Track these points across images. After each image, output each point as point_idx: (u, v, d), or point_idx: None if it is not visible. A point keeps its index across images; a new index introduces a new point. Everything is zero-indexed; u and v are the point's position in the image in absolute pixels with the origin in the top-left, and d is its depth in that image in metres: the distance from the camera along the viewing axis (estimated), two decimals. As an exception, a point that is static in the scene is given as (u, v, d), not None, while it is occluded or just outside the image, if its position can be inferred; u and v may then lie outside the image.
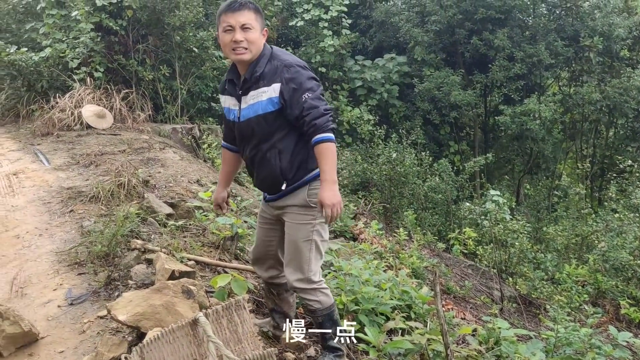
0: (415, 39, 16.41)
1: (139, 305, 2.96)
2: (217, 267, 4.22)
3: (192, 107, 12.26)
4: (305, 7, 16.51)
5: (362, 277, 4.17)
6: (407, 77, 16.97)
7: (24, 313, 3.39)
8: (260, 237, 3.25)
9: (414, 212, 10.32)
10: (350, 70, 16.88)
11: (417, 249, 7.82)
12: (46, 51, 11.20)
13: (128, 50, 11.33)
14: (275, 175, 2.87)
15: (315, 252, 2.94)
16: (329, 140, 2.72)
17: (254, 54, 2.83)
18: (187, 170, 7.47)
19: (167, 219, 5.05)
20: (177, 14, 11.04)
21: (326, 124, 2.72)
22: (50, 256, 4.38)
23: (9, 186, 6.55)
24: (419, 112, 16.54)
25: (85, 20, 10.94)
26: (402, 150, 11.50)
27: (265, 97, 2.78)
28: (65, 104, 10.19)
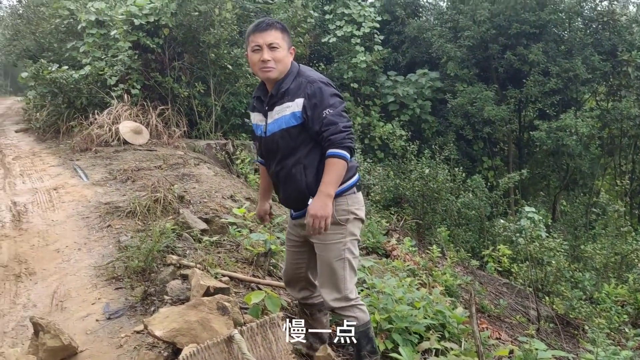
0: (448, 55, 16.37)
1: (175, 321, 2.99)
2: (251, 283, 4.24)
3: (226, 123, 12.43)
4: (337, 24, 16.66)
5: (395, 295, 4.13)
6: (440, 93, 16.92)
7: (64, 326, 3.46)
8: (289, 260, 3.26)
9: (447, 228, 10.22)
10: (382, 85, 16.92)
11: (450, 266, 7.73)
12: (86, 69, 11.52)
13: (164, 67, 11.57)
14: (301, 190, 2.89)
15: (349, 269, 2.94)
16: (339, 157, 2.73)
17: (281, 72, 2.89)
18: (221, 185, 7.55)
19: (202, 235, 5.11)
20: (212, 31, 11.25)
21: (342, 141, 2.73)
22: (89, 270, 4.47)
23: (49, 201, 6.73)
24: (451, 127, 16.45)
25: (124, 39, 11.23)
26: (435, 165, 11.43)
27: (289, 111, 2.83)
28: (103, 121, 10.44)
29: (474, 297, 3.37)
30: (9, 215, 6.24)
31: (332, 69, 16.88)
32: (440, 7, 19.81)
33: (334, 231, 2.89)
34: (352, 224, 2.95)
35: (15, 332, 3.60)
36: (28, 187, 7.61)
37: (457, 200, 11.29)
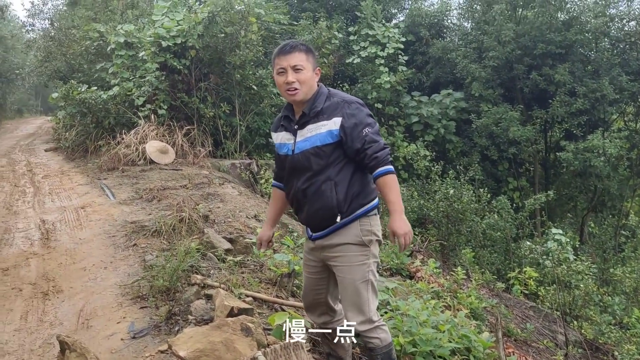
0: (473, 75, 16.33)
1: (199, 342, 3.00)
2: (275, 304, 4.23)
3: (251, 143, 12.53)
4: (362, 45, 16.76)
5: (419, 318, 4.08)
6: (464, 113, 16.85)
7: (90, 345, 3.49)
8: (308, 286, 3.24)
9: (471, 250, 10.10)
10: (406, 106, 16.92)
11: (475, 288, 7.62)
12: (114, 89, 11.77)
13: (191, 88, 11.75)
14: (330, 207, 2.87)
15: (372, 291, 2.92)
16: (391, 172, 2.77)
17: (306, 94, 2.92)
18: (245, 205, 7.59)
19: (226, 255, 5.12)
20: (238, 53, 11.41)
21: (387, 157, 2.78)
22: (115, 289, 4.52)
23: (77, 219, 6.84)
24: (476, 148, 16.35)
25: (151, 60, 11.45)
26: (460, 186, 11.34)
27: (325, 129, 2.84)
28: (130, 140, 10.62)
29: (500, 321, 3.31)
30: (38, 234, 6.36)
31: (356, 90, 16.95)
32: (464, 28, 19.82)
33: (359, 252, 2.89)
34: (374, 246, 2.94)
35: (42, 349, 3.64)
36: (57, 205, 7.75)
37: (482, 222, 11.17)
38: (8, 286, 4.80)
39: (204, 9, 11.58)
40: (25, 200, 8.20)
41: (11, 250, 5.80)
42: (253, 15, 12.13)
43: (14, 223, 6.89)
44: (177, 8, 12.62)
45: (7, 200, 8.24)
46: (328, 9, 18.72)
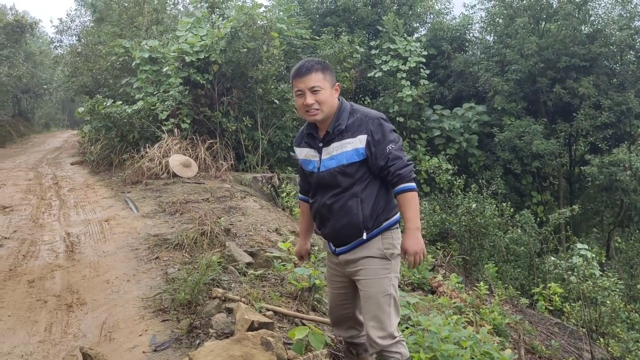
0: (495, 88, 16.26)
1: (219, 355, 3.00)
2: (295, 318, 4.23)
3: (272, 157, 12.60)
4: (383, 59, 16.81)
5: (441, 334, 4.04)
6: (487, 126, 16.76)
7: (112, 357, 3.53)
8: (334, 302, 3.24)
9: (494, 264, 9.98)
10: (428, 119, 16.90)
11: (498, 304, 7.52)
12: (139, 104, 11.95)
13: (213, 102, 11.89)
14: (356, 223, 2.87)
15: (394, 306, 2.92)
16: (412, 190, 2.81)
17: (326, 113, 2.92)
18: (267, 219, 7.61)
19: (247, 268, 5.14)
20: (260, 67, 11.52)
21: (409, 174, 2.81)
22: (137, 302, 4.55)
23: (101, 232, 6.93)
24: (499, 161, 16.22)
25: (175, 75, 11.62)
26: (482, 200, 11.24)
27: (351, 147, 2.85)
28: (154, 154, 10.75)
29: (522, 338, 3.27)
30: (62, 246, 6.45)
31: (377, 103, 16.98)
32: (486, 42, 19.77)
33: (380, 266, 2.90)
34: (395, 260, 2.95)
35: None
36: (81, 218, 7.87)
37: (505, 236, 11.04)
38: (33, 298, 4.88)
39: (227, 24, 11.73)
40: (51, 213, 8.34)
41: (37, 262, 5.90)
42: (275, 30, 12.26)
43: (40, 235, 7.00)
44: (201, 24, 12.81)
45: (34, 213, 8.38)
46: (350, 23, 18.84)
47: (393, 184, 2.84)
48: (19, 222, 7.76)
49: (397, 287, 2.97)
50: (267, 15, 12.52)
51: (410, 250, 2.77)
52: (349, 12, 18.97)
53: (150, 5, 19.55)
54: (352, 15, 19.00)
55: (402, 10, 19.04)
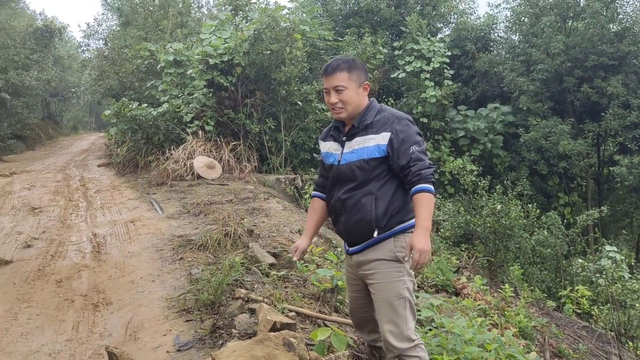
0: (521, 88, 16.06)
1: (241, 356, 3.02)
2: (317, 319, 4.23)
3: (295, 158, 12.63)
4: (407, 59, 16.73)
5: (465, 336, 4.00)
6: (512, 127, 16.57)
7: (136, 357, 3.57)
8: (353, 305, 3.23)
9: (520, 267, 9.86)
10: (452, 120, 16.78)
11: (524, 306, 7.42)
12: (164, 106, 12.09)
13: (237, 104, 11.96)
14: (368, 221, 2.87)
15: (409, 309, 2.87)
16: (430, 191, 2.77)
17: (350, 112, 2.95)
18: (290, 220, 7.63)
19: (270, 269, 5.16)
20: (283, 69, 11.56)
21: (430, 176, 2.79)
22: (161, 302, 4.61)
23: (126, 233, 7.02)
24: (525, 162, 16.02)
25: (199, 78, 11.73)
26: (508, 201, 11.10)
27: (373, 143, 2.87)
28: (178, 156, 10.86)
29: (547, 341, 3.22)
30: (89, 247, 6.55)
31: (401, 104, 16.91)
32: (511, 41, 19.55)
33: (393, 269, 2.86)
34: (408, 263, 2.88)
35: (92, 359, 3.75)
36: (107, 219, 7.99)
37: (531, 238, 10.89)
38: (61, 297, 4.96)
39: (250, 26, 11.81)
40: (79, 214, 8.47)
41: (64, 262, 6.00)
42: (298, 32, 12.30)
43: (68, 236, 7.13)
44: (225, 26, 12.91)
45: (62, 214, 8.53)
46: (373, 24, 18.80)
47: (412, 183, 2.80)
48: (48, 223, 7.91)
49: (412, 290, 2.94)
50: (290, 17, 12.57)
51: (418, 247, 2.67)
52: (372, 13, 18.92)
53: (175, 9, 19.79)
54: (375, 16, 18.96)
55: (426, 10, 18.94)
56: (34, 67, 23.21)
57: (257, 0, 14.54)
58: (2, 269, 5.78)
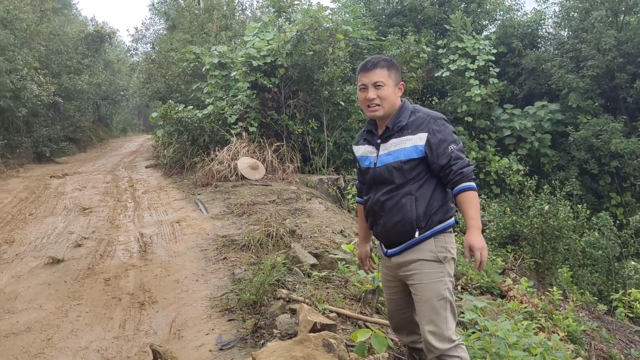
0: (570, 85, 15.62)
1: (281, 356, 3.04)
2: (358, 320, 4.22)
3: (338, 159, 12.63)
4: (451, 58, 16.52)
5: (509, 339, 3.91)
6: (561, 125, 16.14)
7: (180, 355, 3.64)
8: (391, 307, 3.21)
9: (569, 269, 9.58)
10: (498, 119, 16.46)
11: (573, 310, 7.21)
12: (208, 108, 12.29)
13: (280, 105, 12.05)
14: (409, 221, 2.85)
15: (450, 310, 2.84)
16: (474, 189, 2.77)
17: (387, 110, 2.94)
18: (332, 220, 7.64)
19: (311, 269, 5.18)
20: (326, 70, 11.58)
21: (471, 174, 2.79)
22: (204, 301, 4.68)
23: (172, 233, 7.17)
24: (574, 161, 15.57)
25: (243, 80, 11.88)
26: (556, 202, 10.80)
27: (410, 144, 2.86)
28: (223, 157, 11.02)
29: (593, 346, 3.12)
30: (136, 246, 6.72)
31: (445, 103, 16.70)
32: (560, 37, 19.02)
33: (434, 269, 2.84)
34: (448, 263, 2.88)
35: (137, 357, 3.84)
36: (154, 219, 8.17)
37: (581, 239, 10.57)
38: (109, 295, 5.11)
39: (293, 28, 11.87)
40: (127, 215, 8.70)
41: (113, 261, 6.17)
42: (341, 32, 12.29)
43: (116, 236, 7.33)
44: (268, 28, 13.03)
45: (111, 214, 8.78)
46: (416, 23, 18.63)
47: (454, 183, 2.79)
48: (97, 223, 8.15)
49: (453, 290, 2.91)
50: (332, 18, 12.58)
51: (477, 246, 2.67)
52: (416, 12, 18.75)
53: (219, 12, 20.09)
54: (418, 14, 18.78)
55: (470, 7, 18.65)
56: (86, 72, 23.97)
57: (300, 2, 14.61)
58: (55, 267, 5.99)
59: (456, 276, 7.52)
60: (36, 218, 8.66)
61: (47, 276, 5.72)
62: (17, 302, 4.97)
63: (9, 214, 8.99)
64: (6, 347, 4.05)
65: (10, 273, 5.85)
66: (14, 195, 10.75)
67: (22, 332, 4.30)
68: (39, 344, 4.09)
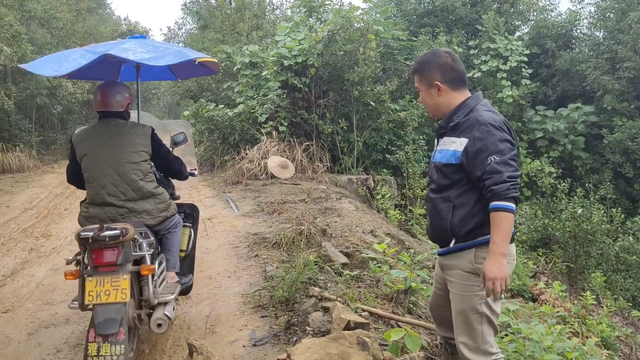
0: (605, 87, 15.34)
1: (316, 353, 3.06)
2: (391, 320, 4.22)
3: (367, 159, 12.61)
4: (483, 59, 16.37)
5: (543, 343, 3.87)
6: (595, 128, 15.86)
7: (214, 350, 3.69)
8: (433, 301, 3.17)
9: (602, 274, 9.42)
10: (530, 120, 16.25)
11: (607, 315, 7.10)
12: (239, 107, 12.39)
13: (310, 105, 12.08)
14: (444, 228, 2.74)
15: (487, 324, 2.70)
16: (506, 210, 2.49)
17: (433, 112, 2.91)
18: (362, 220, 7.64)
19: (343, 268, 5.20)
20: (356, 70, 11.57)
21: (506, 192, 2.49)
22: (237, 297, 4.73)
23: (204, 230, 7.25)
24: (608, 164, 15.29)
25: (274, 79, 11.95)
26: (589, 205, 10.64)
27: (452, 147, 2.71)
28: (253, 156, 11.11)
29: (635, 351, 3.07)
30: (169, 242, 6.81)
31: (476, 104, 16.55)
32: (595, 38, 18.67)
33: (470, 281, 2.69)
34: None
35: (172, 350, 3.90)
36: (186, 216, 8.26)
37: (615, 244, 10.40)
38: (143, 290, 5.19)
39: (324, 28, 11.89)
40: (159, 211, 8.82)
41: (146, 256, 6.27)
42: (372, 32, 12.27)
43: (149, 232, 7.44)
44: (299, 28, 13.07)
45: (143, 210, 8.91)
46: (448, 23, 18.49)
47: (487, 199, 2.55)
48: (131, 218, 8.28)
49: (496, 308, 2.73)
50: (363, 18, 12.57)
51: (490, 275, 2.47)
52: (447, 12, 18.62)
53: (250, 12, 20.22)
54: (450, 15, 18.65)
55: (503, 8, 18.44)
56: (119, 70, 24.33)
57: (331, 2, 14.64)
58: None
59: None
60: (72, 213, 8.84)
61: (83, 270, 5.84)
62: (55, 294, 5.09)
63: (46, 209, 9.21)
64: (46, 338, 4.16)
65: (48, 266, 6.00)
66: (50, 191, 11.00)
67: (61, 324, 4.41)
68: (78, 335, 4.18)
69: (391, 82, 12.55)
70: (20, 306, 4.85)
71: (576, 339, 4.86)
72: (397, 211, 9.95)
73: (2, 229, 7.80)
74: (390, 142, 12.67)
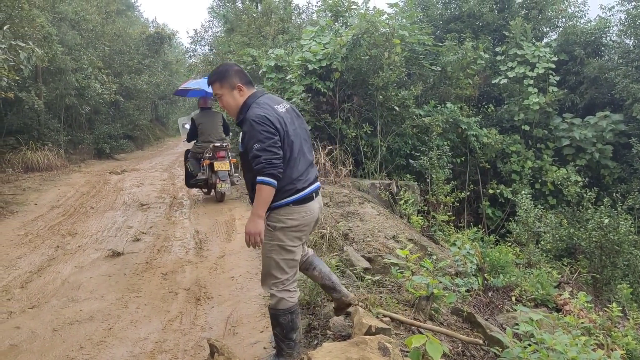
0: (635, 96, 15.06)
1: (337, 357, 3.05)
2: (412, 326, 4.19)
3: (391, 164, 12.57)
4: (509, 65, 16.20)
5: (567, 354, 3.80)
6: (624, 137, 15.57)
7: (235, 351, 3.71)
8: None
9: (629, 285, 9.23)
10: (556, 128, 16.02)
11: (633, 327, 6.95)
12: (264, 111, 12.41)
13: (334, 109, 12.09)
14: None
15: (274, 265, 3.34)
16: (262, 183, 3.14)
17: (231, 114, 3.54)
18: (384, 225, 7.61)
19: (364, 273, 5.18)
20: (381, 74, 11.55)
21: (263, 169, 3.12)
22: (258, 299, 4.76)
23: (226, 232, 7.30)
24: (637, 174, 15.00)
25: (298, 83, 11.97)
26: (616, 215, 10.44)
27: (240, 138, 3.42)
28: (277, 158, 11.12)
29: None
30: (192, 243, 6.88)
31: (502, 111, 16.39)
32: (626, 46, 18.33)
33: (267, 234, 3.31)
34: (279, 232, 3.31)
35: (193, 350, 3.93)
36: (209, 217, 8.33)
37: (643, 255, 10.17)
38: (166, 290, 5.25)
39: (349, 32, 11.89)
40: (183, 212, 8.91)
41: (170, 257, 6.34)
42: (397, 37, 12.24)
43: (173, 232, 7.52)
44: (324, 32, 13.10)
45: (167, 211, 9.01)
46: (474, 29, 18.35)
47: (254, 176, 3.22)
48: (155, 218, 8.38)
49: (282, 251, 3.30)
50: (389, 23, 12.54)
51: (246, 230, 3.21)
52: (474, 18, 18.48)
53: (277, 15, 20.32)
54: (477, 20, 18.50)
55: (531, 14, 18.22)
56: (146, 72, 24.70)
57: (357, 6, 14.63)
58: (115, 260, 6.21)
59: (510, 287, 7.37)
60: (97, 212, 8.97)
61: (107, 268, 5.92)
62: (80, 292, 5.17)
63: (72, 207, 9.36)
64: (70, 334, 4.22)
65: (73, 264, 6.09)
66: (76, 189, 11.18)
67: (85, 321, 4.47)
68: (101, 332, 4.24)
69: (416, 87, 12.49)
70: (46, 302, 4.93)
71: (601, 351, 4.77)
72: (420, 217, 9.89)
73: (30, 226, 7.95)
74: (414, 148, 12.61)
